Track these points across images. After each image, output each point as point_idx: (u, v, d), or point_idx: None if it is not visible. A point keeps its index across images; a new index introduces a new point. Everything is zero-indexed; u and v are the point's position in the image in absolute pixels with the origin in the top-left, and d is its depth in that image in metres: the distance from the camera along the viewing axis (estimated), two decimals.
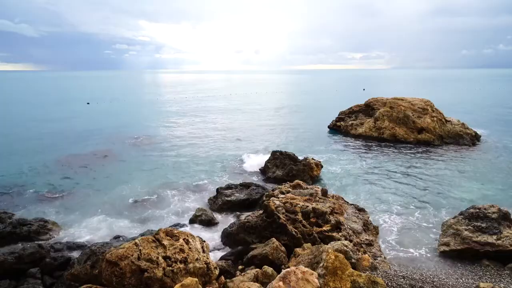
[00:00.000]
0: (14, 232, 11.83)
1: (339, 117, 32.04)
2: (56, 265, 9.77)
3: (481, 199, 14.68)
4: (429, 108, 26.98)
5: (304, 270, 6.72)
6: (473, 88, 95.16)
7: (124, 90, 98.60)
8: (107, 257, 7.35)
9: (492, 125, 32.89)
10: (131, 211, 14.39)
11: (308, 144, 26.21)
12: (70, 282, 8.34)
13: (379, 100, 29.69)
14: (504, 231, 10.15)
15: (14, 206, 14.77)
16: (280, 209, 11.10)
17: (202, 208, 13.78)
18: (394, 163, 20.70)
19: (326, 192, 13.00)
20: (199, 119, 39.43)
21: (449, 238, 10.77)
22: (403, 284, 7.94)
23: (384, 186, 16.81)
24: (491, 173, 18.43)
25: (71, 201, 15.47)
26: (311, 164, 17.59)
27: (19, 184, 17.38)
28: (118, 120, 39.05)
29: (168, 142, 27.41)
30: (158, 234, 8.24)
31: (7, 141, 27.73)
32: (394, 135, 25.96)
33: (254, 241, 10.71)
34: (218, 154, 23.45)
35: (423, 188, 16.50)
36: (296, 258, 8.75)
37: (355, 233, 10.87)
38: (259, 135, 29.89)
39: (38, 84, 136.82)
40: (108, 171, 20.02)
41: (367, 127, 27.87)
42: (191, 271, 7.61)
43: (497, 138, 26.99)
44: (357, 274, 6.98)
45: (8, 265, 9.48)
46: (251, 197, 14.78)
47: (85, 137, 29.21)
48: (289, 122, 37.22)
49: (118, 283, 7.14)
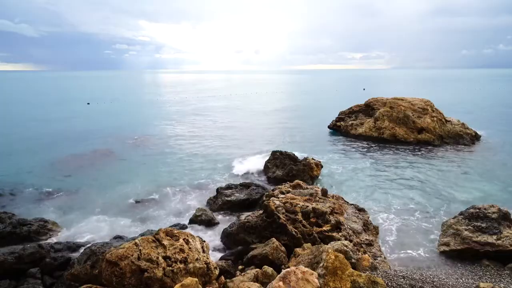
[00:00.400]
0: (14, 232, 11.83)
1: (339, 117, 32.03)
2: (56, 265, 9.76)
3: (481, 199, 14.68)
4: (429, 108, 26.99)
5: (304, 270, 6.72)
6: (473, 88, 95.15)
7: (124, 90, 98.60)
8: (107, 257, 7.35)
9: (492, 125, 32.87)
10: (131, 211, 14.40)
11: (308, 144, 26.21)
12: (70, 282, 8.35)
13: (379, 100, 29.69)
14: (504, 231, 10.15)
15: (14, 206, 14.77)
16: (280, 209, 11.10)
17: (202, 208, 13.78)
18: (394, 163, 20.70)
19: (326, 192, 13.00)
20: (199, 119, 39.42)
21: (449, 238, 10.78)
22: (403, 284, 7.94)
23: (384, 186, 16.81)
24: (491, 173, 18.43)
25: (71, 201, 15.47)
26: (311, 164, 17.59)
27: (19, 184, 17.38)
28: (118, 120, 39.06)
29: (168, 142, 27.41)
30: (158, 234, 8.24)
31: (7, 141, 27.73)
32: (394, 135, 25.96)
33: (254, 241, 10.71)
34: (218, 154, 23.46)
35: (423, 188, 16.51)
36: (296, 258, 8.75)
37: (355, 233, 10.87)
38: (259, 135, 29.88)
39: (38, 84, 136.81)
40: (108, 171, 20.03)
41: (367, 127, 27.87)
42: (191, 271, 7.61)
43: (497, 138, 26.99)
44: (357, 274, 6.98)
45: (8, 265, 9.48)
46: (251, 197, 14.78)
47: (85, 137, 29.21)
48: (289, 122, 37.21)
49: (118, 283, 7.15)
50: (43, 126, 35.03)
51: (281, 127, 34.00)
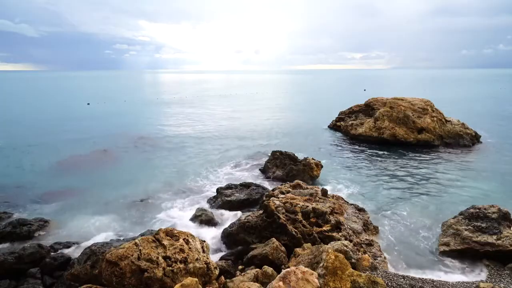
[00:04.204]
0: (14, 232, 11.83)
1: (339, 117, 32.03)
2: (56, 265, 9.76)
3: (481, 199, 14.66)
4: (429, 108, 26.98)
5: (304, 270, 6.72)
6: (473, 88, 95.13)
7: (125, 90, 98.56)
8: (107, 257, 7.36)
9: (492, 125, 32.87)
10: (131, 211, 14.39)
11: (308, 144, 26.20)
12: (70, 282, 8.35)
13: (379, 100, 29.68)
14: (504, 231, 10.15)
15: (14, 206, 14.76)
16: (280, 209, 11.10)
17: (202, 208, 13.78)
18: (394, 163, 20.70)
19: (326, 192, 13.00)
20: (199, 119, 39.42)
21: (449, 238, 10.78)
22: (403, 284, 7.94)
23: (384, 186, 16.81)
24: (491, 173, 18.43)
25: (71, 201, 15.46)
26: (311, 164, 17.59)
27: (19, 184, 17.37)
28: (118, 120, 39.05)
29: (168, 142, 27.41)
30: (158, 234, 8.24)
31: (7, 141, 27.72)
32: (394, 135, 25.95)
33: (254, 241, 10.71)
34: (218, 154, 23.46)
35: (423, 188, 16.50)
36: (296, 258, 8.75)
37: (355, 233, 10.87)
38: (259, 135, 29.87)
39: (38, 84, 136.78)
40: (108, 171, 20.02)
41: (367, 127, 27.87)
42: (191, 271, 7.61)
43: (497, 138, 26.99)
44: (357, 274, 6.98)
45: (8, 265, 9.48)
46: (251, 197, 14.78)
47: (86, 137, 29.20)
48: (289, 122, 37.21)
49: (118, 283, 7.15)
50: (43, 126, 35.02)
51: (281, 127, 33.99)
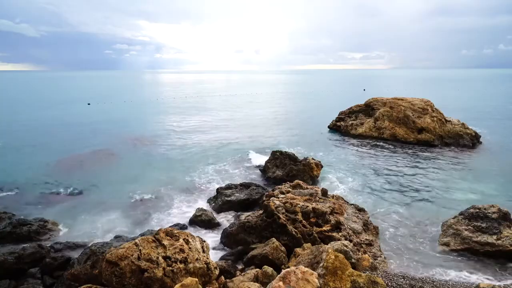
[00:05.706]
0: (14, 232, 11.84)
1: (339, 117, 32.03)
2: (56, 265, 9.76)
3: (481, 199, 14.67)
4: (429, 108, 26.98)
5: (304, 270, 6.72)
6: (473, 88, 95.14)
7: (125, 90, 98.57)
8: (107, 257, 7.35)
9: (492, 125, 32.87)
10: (131, 211, 14.40)
11: (308, 144, 26.20)
12: (70, 282, 8.34)
13: (379, 100, 29.68)
14: (504, 231, 10.15)
15: (14, 206, 14.76)
16: (280, 209, 11.10)
17: (202, 208, 13.78)
18: (394, 163, 20.69)
19: (326, 192, 13.00)
20: (199, 119, 39.42)
21: (449, 238, 10.78)
22: (403, 284, 7.95)
23: (384, 186, 16.81)
24: (491, 173, 18.43)
25: (71, 201, 15.48)
26: (311, 164, 17.59)
27: (19, 184, 17.38)
28: (118, 120, 39.06)
29: (168, 143, 27.42)
30: (158, 234, 8.23)
31: (7, 141, 27.72)
32: (394, 135, 25.97)
33: (254, 241, 10.71)
34: (217, 154, 23.45)
35: (423, 188, 16.51)
36: (296, 258, 8.75)
37: (355, 233, 10.87)
38: (259, 135, 29.87)
39: (39, 84, 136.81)
40: (108, 171, 20.02)
41: (367, 127, 27.88)
42: (191, 271, 7.61)
43: (497, 138, 26.99)
44: (357, 274, 6.98)
45: (8, 265, 9.49)
46: (251, 197, 14.78)
47: (86, 137, 29.22)
48: (289, 122, 37.22)
49: (118, 283, 7.14)
50: (44, 126, 35.04)
51: (281, 127, 34.00)
